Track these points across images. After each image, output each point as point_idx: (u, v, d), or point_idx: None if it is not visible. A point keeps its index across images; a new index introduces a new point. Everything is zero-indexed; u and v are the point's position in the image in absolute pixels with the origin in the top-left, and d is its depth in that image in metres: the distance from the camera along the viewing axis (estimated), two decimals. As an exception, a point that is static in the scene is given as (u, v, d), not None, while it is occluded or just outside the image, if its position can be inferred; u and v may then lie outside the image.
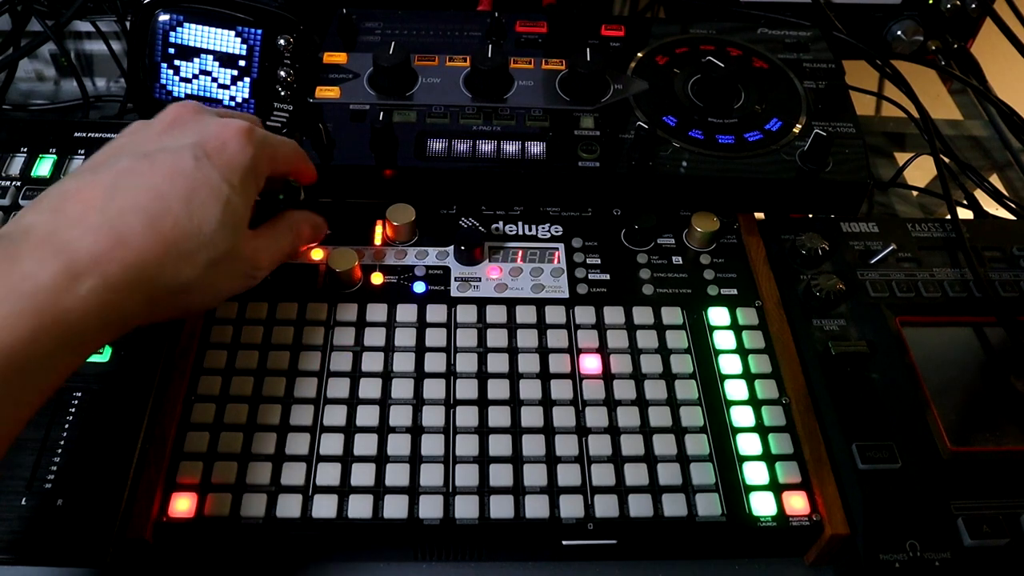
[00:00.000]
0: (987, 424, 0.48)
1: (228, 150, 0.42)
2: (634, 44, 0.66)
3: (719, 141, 0.59)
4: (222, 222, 0.41)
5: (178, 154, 0.41)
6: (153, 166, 0.40)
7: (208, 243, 0.40)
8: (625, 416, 0.47)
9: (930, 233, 0.58)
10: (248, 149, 0.43)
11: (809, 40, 0.67)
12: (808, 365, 0.51)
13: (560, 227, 0.57)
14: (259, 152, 0.44)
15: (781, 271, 0.55)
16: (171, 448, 0.45)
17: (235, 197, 0.42)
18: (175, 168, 0.40)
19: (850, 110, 0.62)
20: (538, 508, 0.44)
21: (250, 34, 0.58)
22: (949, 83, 0.84)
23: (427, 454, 0.45)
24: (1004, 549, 0.44)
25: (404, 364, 0.49)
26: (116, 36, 0.77)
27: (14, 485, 0.42)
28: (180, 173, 0.40)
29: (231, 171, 0.42)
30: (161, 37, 0.58)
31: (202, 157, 0.41)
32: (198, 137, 0.42)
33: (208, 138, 0.42)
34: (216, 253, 0.41)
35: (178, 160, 0.41)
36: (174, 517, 0.43)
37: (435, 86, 0.61)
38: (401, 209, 0.55)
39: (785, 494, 0.45)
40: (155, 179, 0.40)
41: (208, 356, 0.49)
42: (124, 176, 0.40)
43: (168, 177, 0.40)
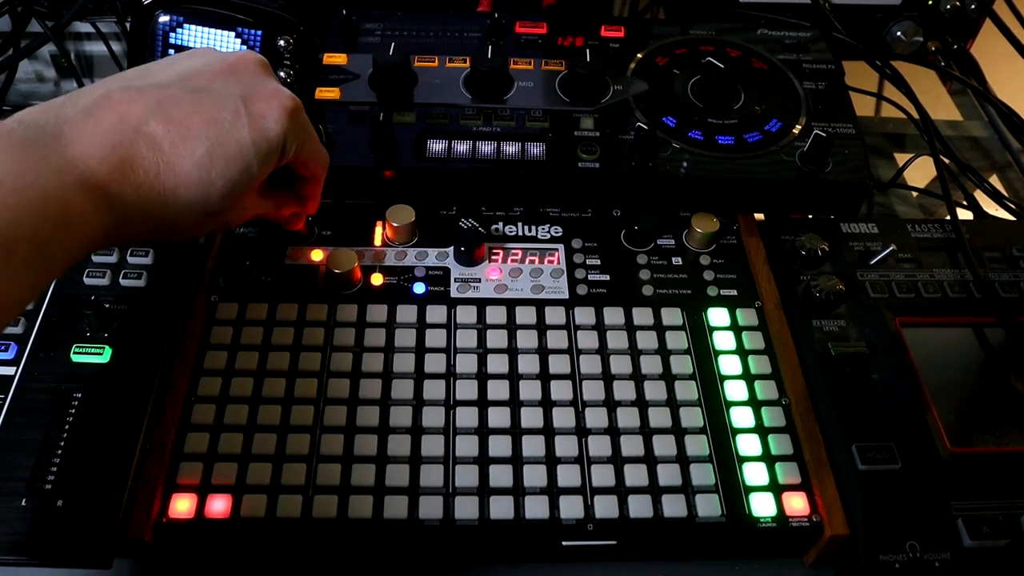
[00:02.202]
0: (987, 424, 0.48)
1: (268, 118, 0.42)
2: (634, 45, 0.66)
3: (719, 142, 0.59)
4: (235, 183, 0.41)
5: (222, 101, 0.41)
6: (196, 104, 0.40)
7: (214, 197, 0.41)
8: (625, 417, 0.48)
9: (930, 234, 0.58)
10: (288, 124, 0.43)
11: (809, 41, 0.67)
12: (808, 366, 0.51)
13: (560, 228, 0.57)
14: (295, 132, 0.44)
15: (781, 272, 0.55)
16: (171, 449, 0.45)
17: (255, 164, 0.42)
18: (214, 115, 0.41)
19: (850, 111, 0.62)
20: (538, 509, 0.44)
21: (250, 35, 0.58)
22: (949, 84, 0.85)
23: (427, 454, 0.45)
24: (1004, 550, 0.44)
25: (404, 365, 0.49)
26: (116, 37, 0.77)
27: (14, 486, 0.42)
28: (216, 121, 0.40)
29: (262, 138, 0.42)
30: (161, 38, 0.58)
31: (242, 114, 0.41)
32: (248, 92, 0.42)
33: (256, 98, 0.42)
34: (216, 207, 0.42)
35: (220, 108, 0.41)
36: (174, 518, 0.43)
37: (435, 87, 0.62)
38: (401, 210, 0.55)
39: (785, 495, 0.45)
40: (192, 119, 0.40)
41: (208, 357, 0.49)
42: (165, 103, 0.40)
43: (204, 121, 0.40)
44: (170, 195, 0.40)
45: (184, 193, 0.40)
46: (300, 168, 0.48)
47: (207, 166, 0.40)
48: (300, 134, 0.45)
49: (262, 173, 0.43)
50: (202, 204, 0.41)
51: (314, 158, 0.48)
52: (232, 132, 0.41)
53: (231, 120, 0.41)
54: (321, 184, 0.51)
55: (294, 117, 0.44)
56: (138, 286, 0.50)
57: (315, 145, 0.47)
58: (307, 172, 0.48)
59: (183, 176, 0.40)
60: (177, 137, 0.39)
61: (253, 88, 0.43)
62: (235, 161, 0.41)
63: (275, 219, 0.52)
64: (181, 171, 0.39)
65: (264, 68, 0.45)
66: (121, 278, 0.51)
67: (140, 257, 0.52)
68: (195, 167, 0.40)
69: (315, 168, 0.49)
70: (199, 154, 0.40)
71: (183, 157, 0.39)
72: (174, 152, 0.39)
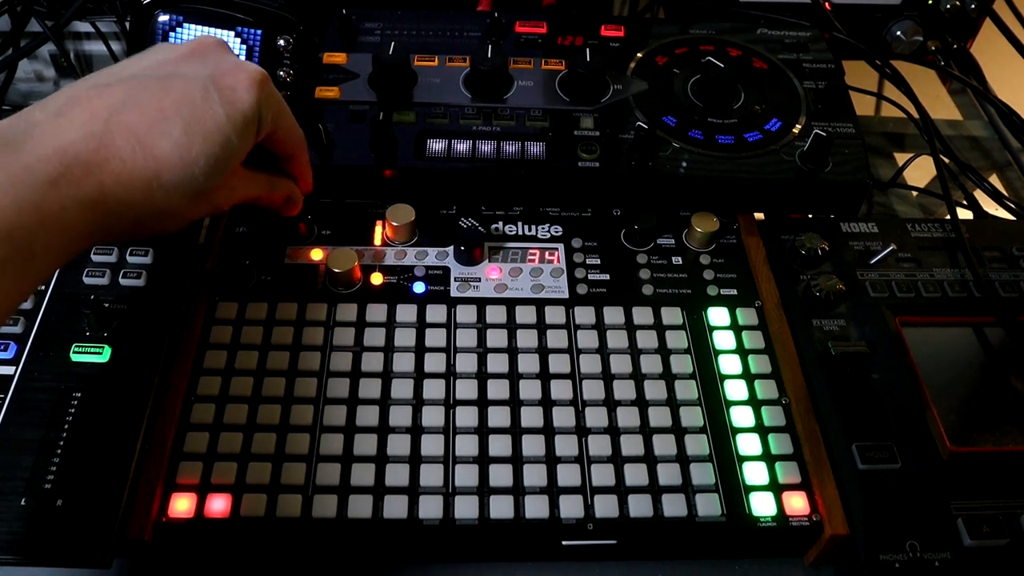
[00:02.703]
0: (987, 424, 0.48)
1: (239, 90, 0.42)
2: (634, 44, 0.66)
3: (719, 141, 0.59)
4: (217, 157, 0.41)
5: (190, 82, 0.41)
6: (164, 89, 0.41)
7: (199, 175, 0.41)
8: (625, 416, 0.47)
9: (930, 233, 0.58)
10: (258, 93, 0.43)
11: (809, 40, 0.67)
12: (808, 365, 0.51)
13: (560, 227, 0.57)
14: (267, 102, 0.44)
15: (781, 271, 0.55)
16: (171, 448, 0.45)
17: (234, 138, 0.42)
18: (184, 96, 0.41)
19: (850, 110, 0.62)
20: (538, 508, 0.44)
21: (250, 35, 0.58)
22: (949, 83, 0.85)
23: (427, 454, 0.45)
24: (1004, 549, 0.44)
25: (404, 364, 0.49)
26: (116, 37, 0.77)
27: (14, 485, 0.42)
28: (188, 101, 0.41)
29: (236, 111, 0.42)
30: (161, 38, 0.58)
31: (212, 91, 0.41)
32: (214, 70, 0.43)
33: (223, 74, 0.43)
34: (203, 187, 0.41)
35: (189, 88, 0.41)
36: (174, 517, 0.43)
37: (435, 86, 0.61)
38: (401, 209, 0.55)
39: (785, 494, 0.45)
40: (163, 102, 0.40)
41: (208, 356, 0.49)
42: (134, 92, 0.40)
43: (175, 103, 0.40)
44: (153, 180, 0.39)
45: (167, 176, 0.40)
46: (278, 146, 0.48)
47: (186, 145, 0.40)
48: (272, 104, 0.45)
49: (243, 146, 0.43)
50: (187, 184, 0.41)
51: (289, 132, 0.48)
52: (205, 109, 0.41)
53: (202, 97, 0.41)
54: (304, 161, 0.50)
55: (263, 87, 0.44)
56: (138, 286, 0.50)
57: (288, 118, 0.47)
58: (286, 149, 0.48)
59: (163, 159, 0.39)
60: (151, 121, 0.39)
61: (218, 66, 0.43)
62: (213, 136, 0.41)
63: (270, 205, 0.51)
64: (160, 153, 0.39)
65: (224, 47, 0.46)
66: (121, 278, 0.51)
67: (140, 257, 0.52)
68: (174, 147, 0.40)
69: (292, 144, 0.49)
70: (176, 134, 0.40)
71: (160, 139, 0.39)
72: (150, 136, 0.39)
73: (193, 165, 0.40)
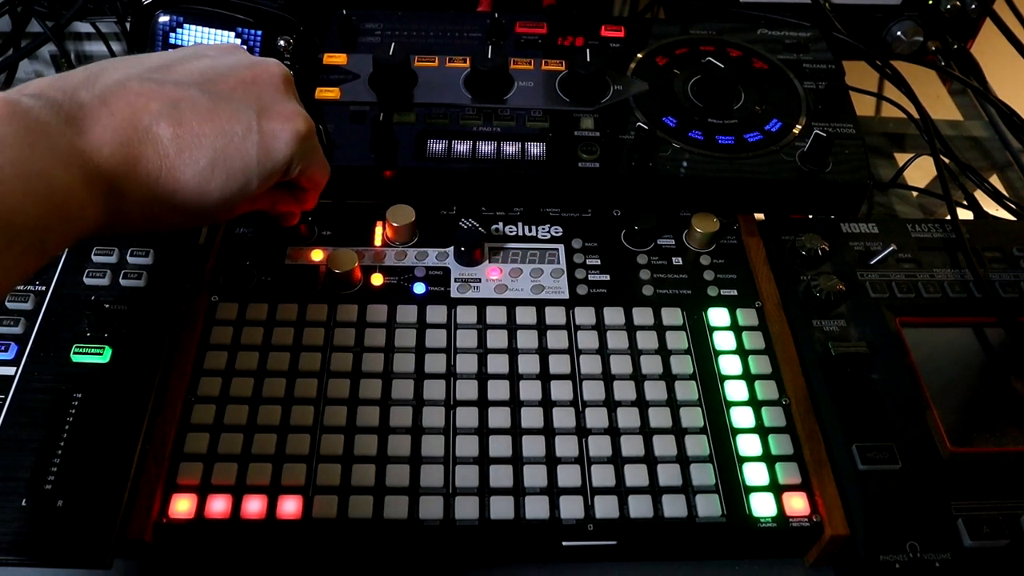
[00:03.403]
0: (987, 424, 0.48)
1: (280, 139, 0.42)
2: (634, 45, 0.66)
3: (719, 142, 0.59)
4: (232, 195, 0.42)
5: (237, 115, 0.41)
6: (210, 112, 0.40)
7: (209, 204, 0.41)
8: (625, 417, 0.47)
9: (930, 234, 0.58)
10: (296, 148, 0.43)
11: (809, 41, 0.67)
12: (808, 366, 0.51)
13: (560, 228, 0.57)
14: (302, 155, 0.44)
15: (781, 272, 0.55)
16: (171, 449, 0.45)
17: (255, 181, 0.42)
18: (225, 126, 0.41)
19: (850, 111, 0.62)
20: (538, 509, 0.44)
21: (250, 35, 0.58)
22: (949, 84, 0.84)
23: (427, 455, 0.45)
24: (1004, 550, 0.44)
25: (404, 365, 0.49)
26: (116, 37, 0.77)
27: (14, 486, 0.42)
28: (226, 134, 0.41)
29: (269, 159, 0.42)
30: (161, 38, 0.58)
31: (254, 131, 0.41)
32: (265, 110, 0.42)
33: (271, 116, 0.42)
34: (210, 215, 0.42)
35: (233, 120, 0.41)
36: (174, 518, 0.43)
37: (435, 87, 0.61)
38: (401, 210, 0.55)
39: (785, 495, 0.45)
40: (204, 126, 0.40)
41: (208, 357, 0.49)
42: (182, 105, 0.40)
43: (215, 132, 0.40)
44: (167, 197, 0.40)
45: (180, 198, 0.40)
46: (302, 181, 0.48)
47: (207, 177, 0.40)
48: (307, 156, 0.45)
49: (260, 188, 0.43)
50: (196, 209, 0.41)
51: (313, 177, 0.48)
52: (239, 147, 0.41)
53: (242, 135, 0.41)
54: (315, 197, 0.51)
55: (304, 141, 0.44)
56: (138, 286, 0.50)
57: (320, 163, 0.47)
58: (308, 184, 0.49)
59: (182, 183, 0.40)
60: (184, 143, 0.39)
61: (271, 105, 0.43)
62: (236, 176, 0.41)
63: (270, 213, 0.52)
64: (181, 177, 0.40)
65: (287, 85, 0.45)
66: (121, 278, 0.51)
67: (140, 257, 0.52)
68: (195, 176, 0.40)
69: (316, 181, 0.49)
70: (202, 164, 0.40)
71: (186, 164, 0.40)
72: (179, 158, 0.39)
73: (207, 196, 0.41)
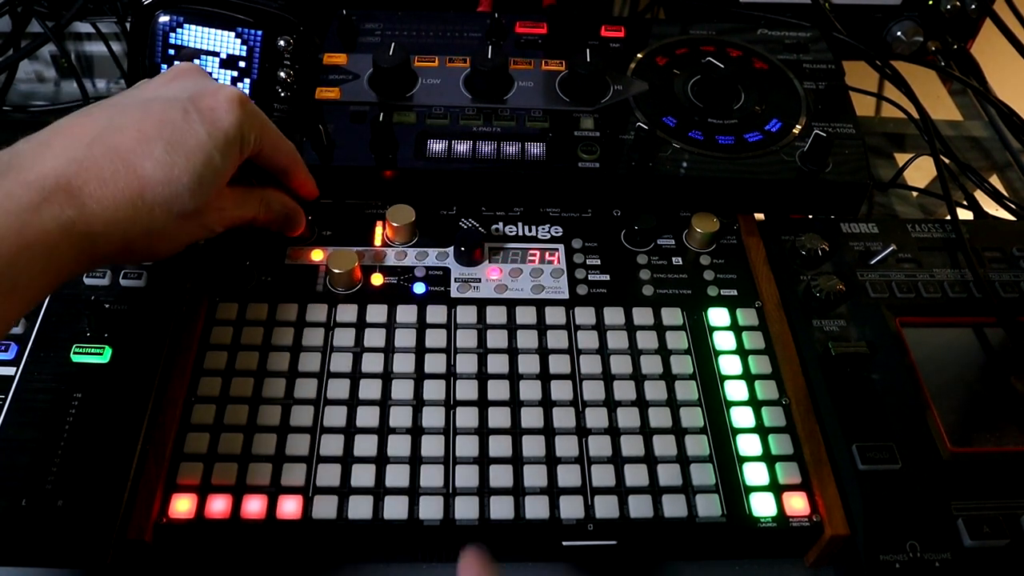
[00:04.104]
0: (987, 424, 0.48)
1: (218, 110, 0.43)
2: (634, 45, 0.66)
3: (719, 142, 0.59)
4: (200, 176, 0.42)
5: (170, 104, 0.42)
6: (145, 111, 0.42)
7: (183, 194, 0.41)
8: (625, 417, 0.47)
9: (930, 234, 0.58)
10: (238, 112, 0.44)
11: (809, 41, 0.67)
12: (808, 366, 0.51)
13: (560, 228, 0.57)
14: (248, 120, 0.45)
15: (781, 272, 0.55)
16: (171, 449, 0.45)
17: (216, 156, 0.42)
18: (165, 117, 0.42)
19: (850, 111, 0.62)
20: (538, 509, 0.44)
21: (250, 35, 0.58)
22: (949, 84, 0.84)
23: (427, 455, 0.45)
24: (1004, 550, 0.44)
25: (404, 365, 0.49)
26: (116, 37, 0.77)
27: (14, 485, 0.42)
28: (168, 122, 0.41)
29: (217, 130, 0.43)
30: (161, 38, 0.58)
31: (192, 111, 0.42)
32: (193, 92, 0.44)
33: (202, 95, 0.43)
34: (188, 205, 0.42)
35: (169, 110, 0.42)
36: (174, 518, 0.43)
37: (435, 87, 0.61)
38: (401, 210, 0.55)
39: (785, 495, 0.45)
40: (144, 124, 0.41)
41: (208, 357, 0.49)
42: (116, 116, 0.41)
43: (156, 124, 0.41)
44: (137, 199, 0.40)
45: (151, 194, 0.40)
46: (269, 162, 0.48)
47: (168, 163, 0.41)
48: (255, 123, 0.45)
49: (226, 164, 0.43)
50: (172, 202, 0.41)
51: (277, 147, 0.48)
52: (186, 128, 0.42)
53: (182, 118, 0.42)
54: (301, 172, 0.51)
55: (243, 106, 0.44)
56: (138, 286, 0.51)
57: (274, 133, 0.48)
58: (278, 164, 0.49)
59: (146, 177, 0.40)
60: (133, 142, 0.40)
61: (197, 88, 0.44)
62: (195, 154, 0.41)
63: (269, 225, 0.51)
64: (143, 172, 0.40)
65: (201, 72, 0.47)
66: (121, 278, 0.51)
67: (140, 257, 0.52)
68: (156, 165, 0.40)
69: (283, 158, 0.49)
70: (158, 153, 0.40)
71: (142, 158, 0.40)
72: (132, 155, 0.40)
73: (176, 182, 0.41)
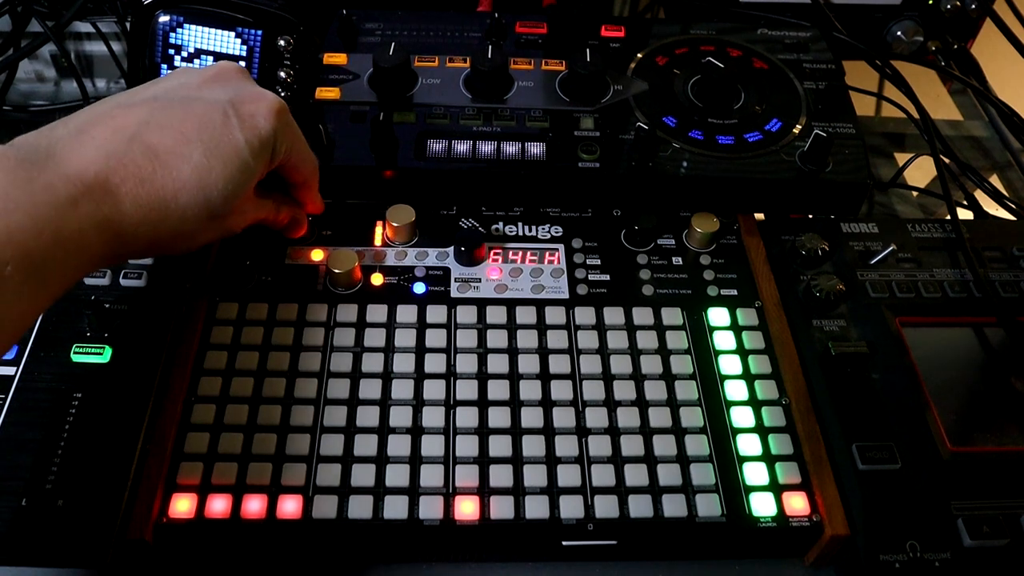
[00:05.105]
0: (987, 424, 0.48)
1: (258, 117, 0.43)
2: (634, 45, 0.66)
3: (719, 142, 0.59)
4: (235, 181, 0.42)
5: (212, 106, 0.42)
6: (186, 111, 0.41)
7: (216, 197, 0.41)
8: (625, 417, 0.47)
9: (930, 233, 0.58)
10: (276, 122, 0.44)
11: (809, 41, 0.67)
12: (808, 366, 0.51)
13: (560, 228, 0.57)
14: (284, 130, 0.45)
15: (781, 271, 0.55)
16: (171, 449, 0.45)
17: (251, 162, 0.43)
18: (205, 119, 0.41)
19: (850, 110, 0.62)
20: (538, 509, 0.44)
21: (250, 35, 0.58)
22: (949, 83, 0.84)
23: (427, 455, 0.45)
24: (1004, 549, 0.44)
25: (404, 365, 0.49)
26: (116, 37, 0.77)
27: (14, 485, 0.42)
28: (209, 125, 0.41)
29: (255, 137, 0.43)
30: (161, 38, 0.58)
31: (232, 116, 0.42)
32: (235, 96, 0.43)
33: (244, 100, 0.43)
34: (219, 210, 0.42)
35: (210, 112, 0.42)
36: (174, 518, 0.43)
37: (435, 87, 0.62)
38: (401, 210, 0.55)
39: (785, 495, 0.45)
40: (185, 124, 0.41)
41: (208, 357, 0.49)
42: (156, 113, 0.41)
43: (197, 126, 0.41)
44: (171, 201, 0.40)
45: (185, 197, 0.40)
46: (291, 173, 0.48)
47: (206, 167, 0.41)
48: (289, 133, 0.46)
49: (258, 171, 0.44)
50: (204, 206, 0.41)
51: (303, 161, 0.48)
52: (225, 133, 0.41)
53: (222, 122, 0.42)
54: (315, 188, 0.51)
55: (282, 116, 0.44)
56: (138, 286, 0.51)
57: (303, 147, 0.48)
58: (298, 177, 0.49)
59: (182, 180, 0.40)
60: (172, 143, 0.40)
61: (239, 92, 0.44)
62: (232, 161, 0.41)
63: (275, 225, 0.52)
64: (179, 175, 0.40)
65: (245, 74, 0.47)
66: (121, 278, 0.51)
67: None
68: (193, 170, 0.40)
69: (305, 172, 0.49)
70: (196, 157, 0.40)
71: (181, 161, 0.40)
72: (171, 157, 0.40)
73: (212, 188, 0.41)
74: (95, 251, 0.38)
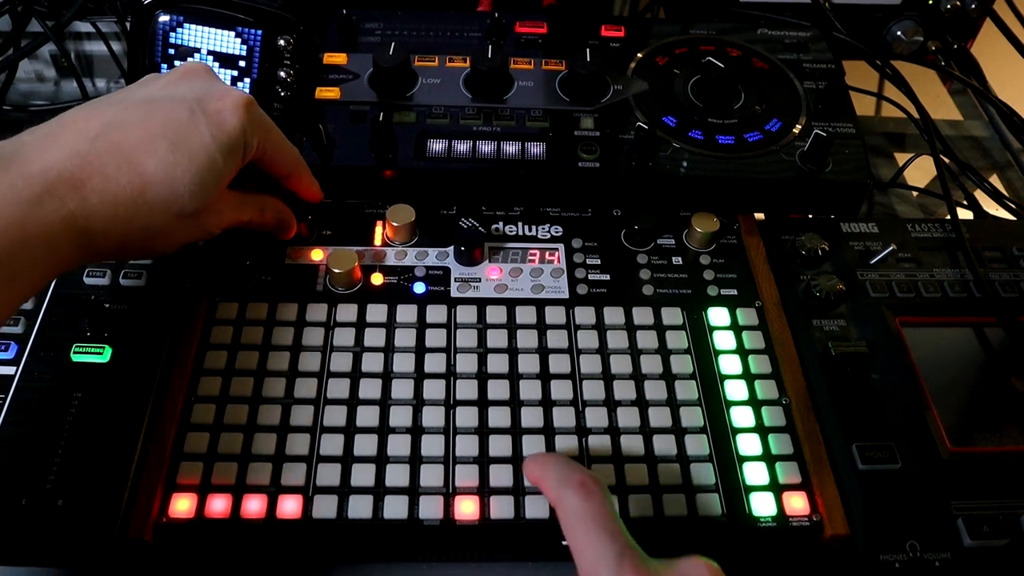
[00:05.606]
0: (987, 424, 0.48)
1: (224, 113, 0.43)
2: (634, 44, 0.66)
3: (719, 141, 0.59)
4: (202, 178, 0.42)
5: (177, 104, 0.42)
6: (152, 110, 0.42)
7: (183, 194, 0.41)
8: (625, 416, 0.47)
9: (930, 233, 0.58)
10: (243, 116, 0.44)
11: (809, 40, 0.67)
12: (808, 365, 0.51)
13: (560, 227, 0.57)
14: (253, 125, 0.45)
15: (781, 271, 0.55)
16: (171, 449, 0.45)
17: (219, 159, 0.43)
18: (171, 116, 0.42)
19: (850, 110, 0.62)
20: (538, 508, 0.44)
21: (250, 35, 0.58)
22: (949, 83, 0.85)
23: (427, 455, 0.45)
24: (1004, 549, 0.44)
25: (404, 365, 0.49)
26: (116, 37, 0.77)
27: (14, 485, 0.42)
28: (174, 121, 0.42)
29: (222, 132, 0.43)
30: (161, 38, 0.58)
31: (198, 112, 0.42)
32: (200, 94, 0.44)
33: (210, 97, 0.44)
34: (187, 206, 0.42)
35: (175, 109, 0.42)
36: (174, 518, 0.43)
37: (435, 86, 0.62)
38: (401, 210, 0.55)
39: (785, 494, 0.45)
40: (149, 122, 0.41)
41: (208, 357, 0.49)
42: (122, 113, 0.41)
43: (162, 123, 0.41)
44: (138, 196, 0.40)
45: (152, 193, 0.40)
46: (271, 166, 0.48)
47: (171, 163, 0.41)
48: (259, 127, 0.46)
49: (228, 167, 0.44)
50: (172, 202, 0.41)
51: (280, 152, 0.48)
52: (191, 129, 0.42)
53: (188, 118, 0.42)
54: (304, 176, 0.51)
55: (249, 110, 0.44)
56: (138, 286, 0.50)
57: (278, 138, 0.48)
58: (280, 169, 0.49)
59: (148, 175, 0.40)
60: (137, 140, 0.40)
61: (205, 90, 0.44)
62: (199, 156, 0.42)
63: (262, 228, 0.52)
64: (146, 170, 0.40)
65: (211, 72, 0.47)
66: (121, 278, 0.51)
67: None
68: (160, 165, 0.40)
69: (286, 163, 0.49)
70: (161, 152, 0.40)
71: (146, 156, 0.40)
72: (136, 153, 0.40)
73: (178, 183, 0.41)
74: (64, 251, 0.38)
